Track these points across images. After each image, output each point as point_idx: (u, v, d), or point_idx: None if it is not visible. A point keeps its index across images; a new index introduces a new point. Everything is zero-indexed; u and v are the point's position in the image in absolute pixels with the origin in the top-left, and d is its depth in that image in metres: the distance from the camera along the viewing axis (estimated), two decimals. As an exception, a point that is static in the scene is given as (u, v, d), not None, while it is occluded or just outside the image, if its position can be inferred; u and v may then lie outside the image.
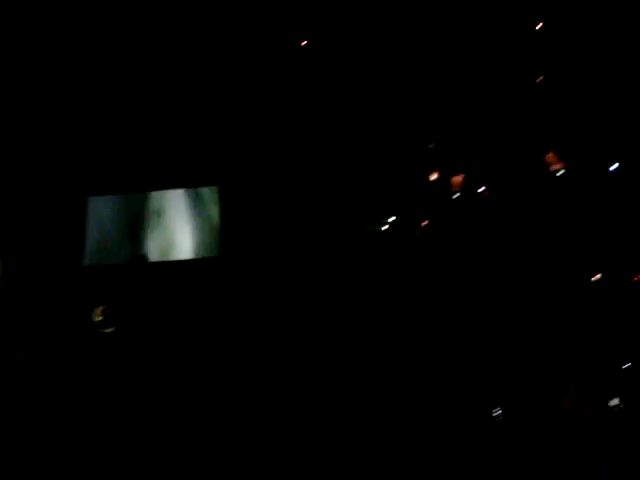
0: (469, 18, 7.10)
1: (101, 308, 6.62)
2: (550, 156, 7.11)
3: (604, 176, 6.99)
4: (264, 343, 7.18)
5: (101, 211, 8.14)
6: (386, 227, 7.52)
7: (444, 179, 7.39)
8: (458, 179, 7.33)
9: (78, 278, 7.82)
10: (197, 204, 7.99)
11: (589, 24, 6.92)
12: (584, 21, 6.94)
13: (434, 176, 7.40)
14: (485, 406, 6.68)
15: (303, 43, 7.26)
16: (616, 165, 6.92)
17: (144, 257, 6.69)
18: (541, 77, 7.03)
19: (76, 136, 8.05)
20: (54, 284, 7.68)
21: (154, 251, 7.97)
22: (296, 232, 7.55)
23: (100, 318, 6.59)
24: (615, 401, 6.18)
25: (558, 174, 7.11)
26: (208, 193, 7.98)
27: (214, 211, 7.91)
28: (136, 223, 8.09)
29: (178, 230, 8.01)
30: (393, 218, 7.49)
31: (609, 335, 6.63)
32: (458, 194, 7.33)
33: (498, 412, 6.51)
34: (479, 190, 7.31)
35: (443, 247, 7.37)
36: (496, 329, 7.11)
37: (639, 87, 6.78)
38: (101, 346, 6.55)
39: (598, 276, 6.83)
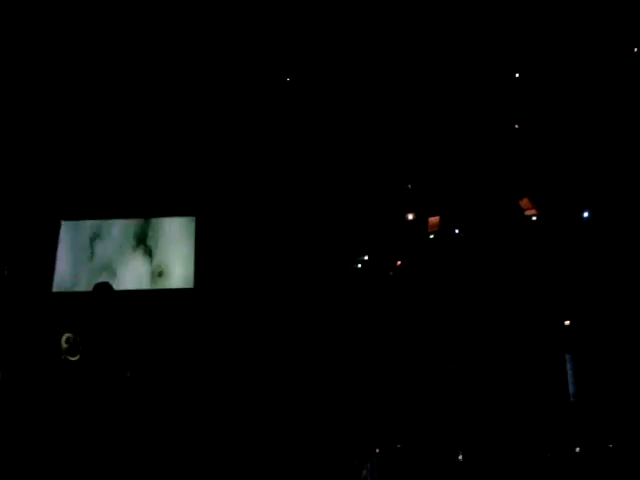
0: (441, 59, 7.25)
1: (66, 336, 6.53)
2: (525, 201, 7.26)
3: (576, 222, 7.17)
4: (236, 374, 7.16)
5: (74, 235, 8.02)
6: (361, 265, 7.57)
7: (420, 220, 7.48)
8: (434, 220, 7.43)
9: (48, 303, 7.69)
10: (173, 234, 7.92)
11: (561, 75, 7.12)
12: (556, 72, 7.14)
13: (410, 216, 7.48)
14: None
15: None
16: (587, 213, 7.11)
17: (108, 285, 6.62)
18: (516, 125, 7.20)
19: (52, 159, 7.95)
20: (24, 308, 7.55)
21: (127, 279, 7.89)
22: (271, 268, 7.54)
23: (66, 346, 6.49)
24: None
25: (533, 219, 7.26)
26: (184, 223, 7.92)
27: (189, 242, 7.85)
28: (107, 250, 7.99)
29: (152, 259, 7.92)
30: (367, 257, 7.55)
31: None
32: (434, 235, 7.42)
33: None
34: (455, 231, 7.42)
35: (418, 286, 7.44)
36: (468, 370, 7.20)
37: (610, 137, 6.97)
38: (67, 372, 6.45)
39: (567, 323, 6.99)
